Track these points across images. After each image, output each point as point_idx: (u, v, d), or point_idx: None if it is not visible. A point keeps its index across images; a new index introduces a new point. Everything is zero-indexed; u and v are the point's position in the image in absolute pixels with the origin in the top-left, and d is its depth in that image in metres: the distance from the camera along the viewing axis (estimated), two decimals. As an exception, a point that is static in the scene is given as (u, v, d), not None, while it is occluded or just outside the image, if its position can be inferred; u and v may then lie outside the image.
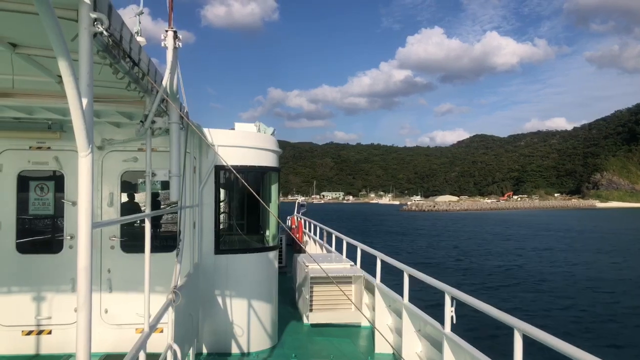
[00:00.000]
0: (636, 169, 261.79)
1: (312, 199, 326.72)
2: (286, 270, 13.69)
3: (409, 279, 6.64)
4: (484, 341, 11.89)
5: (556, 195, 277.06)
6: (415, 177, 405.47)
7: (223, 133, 7.36)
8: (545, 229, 74.50)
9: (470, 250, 44.26)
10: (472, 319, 9.73)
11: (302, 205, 21.03)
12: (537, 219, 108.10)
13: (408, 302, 6.68)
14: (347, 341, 8.19)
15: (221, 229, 7.52)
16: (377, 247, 9.94)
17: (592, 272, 31.82)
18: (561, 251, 43.97)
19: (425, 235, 62.38)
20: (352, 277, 9.08)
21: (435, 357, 5.84)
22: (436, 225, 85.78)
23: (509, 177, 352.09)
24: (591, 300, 23.09)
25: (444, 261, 36.37)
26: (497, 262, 36.00)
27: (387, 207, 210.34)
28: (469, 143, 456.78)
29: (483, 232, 67.88)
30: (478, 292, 21.73)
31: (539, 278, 29.22)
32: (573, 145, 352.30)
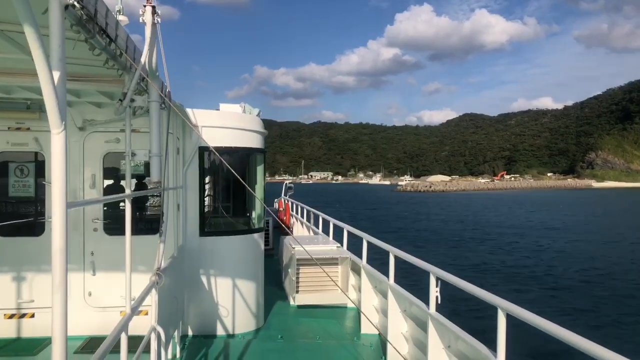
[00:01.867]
0: (631, 148, 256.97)
1: (300, 179, 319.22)
2: (273, 252, 13.35)
3: (395, 260, 6.62)
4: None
5: (549, 174, 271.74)
6: (404, 157, 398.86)
7: (207, 114, 7.28)
8: (589, 214, 66.66)
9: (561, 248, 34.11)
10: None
11: (290, 187, 20.44)
12: (549, 199, 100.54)
13: (394, 282, 6.67)
14: (333, 322, 8.24)
15: (206, 211, 7.45)
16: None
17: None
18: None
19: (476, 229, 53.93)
20: (339, 258, 9.08)
21: (420, 337, 5.89)
22: (453, 208, 77.46)
23: (500, 156, 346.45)
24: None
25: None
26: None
27: (379, 188, 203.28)
28: (458, 122, 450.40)
29: (523, 219, 59.67)
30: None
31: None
32: (565, 124, 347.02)
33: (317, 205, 16.30)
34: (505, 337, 3.83)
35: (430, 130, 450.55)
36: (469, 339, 4.56)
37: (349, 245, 9.55)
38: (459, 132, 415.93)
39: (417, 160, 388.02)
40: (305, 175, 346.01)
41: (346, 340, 7.43)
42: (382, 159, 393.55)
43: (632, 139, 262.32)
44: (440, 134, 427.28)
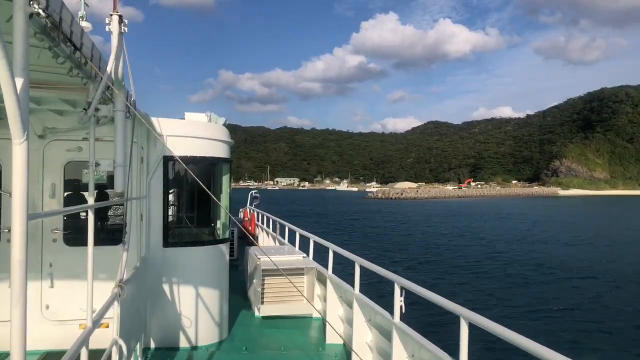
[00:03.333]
0: (594, 156, 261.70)
1: (266, 185, 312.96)
2: (238, 263, 13.11)
3: (360, 270, 6.65)
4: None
5: (514, 182, 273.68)
6: (370, 163, 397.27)
7: (172, 123, 7.17)
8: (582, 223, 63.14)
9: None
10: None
11: (256, 197, 19.86)
12: (528, 210, 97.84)
13: (359, 292, 6.72)
14: (298, 332, 8.18)
15: (170, 221, 7.36)
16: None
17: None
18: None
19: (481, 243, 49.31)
20: (305, 268, 8.99)
21: (384, 346, 5.89)
22: (440, 219, 73.00)
23: (465, 163, 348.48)
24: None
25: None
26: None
27: (348, 195, 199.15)
28: (423, 129, 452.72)
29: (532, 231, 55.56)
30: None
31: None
32: (529, 132, 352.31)
33: (295, 216, 15.62)
34: (467, 345, 3.87)
35: (396, 137, 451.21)
36: (432, 347, 4.60)
37: (315, 255, 9.48)
38: (424, 140, 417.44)
39: (383, 167, 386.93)
40: (271, 181, 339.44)
41: (311, 351, 7.34)
42: (348, 165, 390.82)
43: (594, 148, 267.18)
44: (405, 141, 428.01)
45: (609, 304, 20.64)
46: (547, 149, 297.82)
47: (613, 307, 20.04)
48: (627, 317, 18.59)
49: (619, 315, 18.87)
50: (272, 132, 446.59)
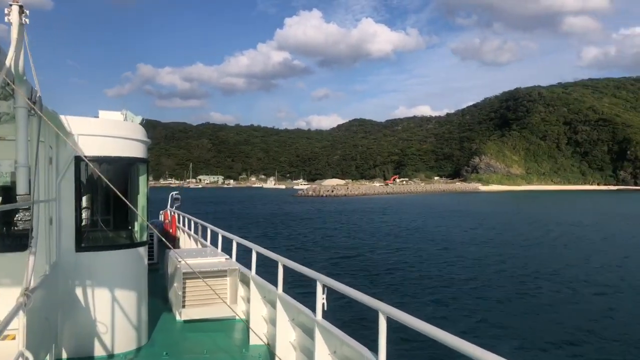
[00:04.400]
0: (511, 153, 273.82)
1: (188, 183, 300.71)
2: (158, 267, 12.86)
3: (284, 270, 6.68)
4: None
5: (436, 178, 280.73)
6: (297, 161, 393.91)
7: (84, 121, 6.86)
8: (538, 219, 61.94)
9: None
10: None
11: (177, 198, 19.11)
12: (475, 207, 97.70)
13: (282, 292, 6.76)
14: (221, 335, 8.09)
15: (84, 224, 7.11)
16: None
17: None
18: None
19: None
20: (227, 270, 8.88)
21: (307, 344, 5.98)
22: (382, 217, 69.67)
23: (389, 160, 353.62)
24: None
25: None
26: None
27: (277, 193, 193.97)
28: (348, 127, 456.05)
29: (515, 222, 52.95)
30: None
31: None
32: (449, 130, 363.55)
33: (223, 219, 12.47)
34: (386, 339, 3.98)
35: (322, 135, 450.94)
36: (353, 343, 4.70)
37: (238, 256, 9.40)
38: (349, 137, 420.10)
39: (310, 164, 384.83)
40: (193, 179, 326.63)
41: (234, 353, 7.32)
42: (274, 162, 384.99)
43: (511, 145, 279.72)
44: (331, 138, 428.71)
45: (528, 295, 21.67)
46: (466, 146, 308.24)
47: (531, 298, 21.04)
48: (543, 308, 19.46)
49: (536, 307, 19.69)
50: (195, 128, 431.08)
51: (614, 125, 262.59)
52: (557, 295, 21.67)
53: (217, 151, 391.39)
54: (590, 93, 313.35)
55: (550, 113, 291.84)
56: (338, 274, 24.42)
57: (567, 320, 17.78)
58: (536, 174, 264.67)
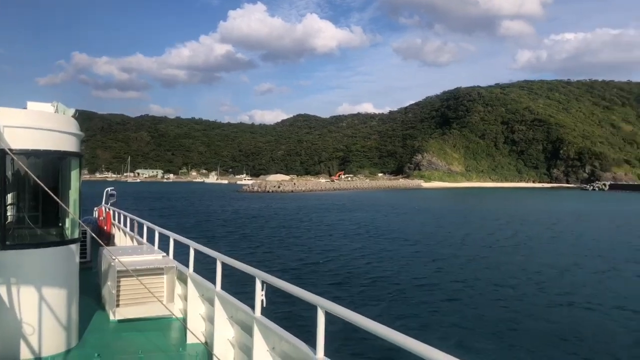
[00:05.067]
0: (451, 151, 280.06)
1: (126, 177, 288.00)
2: (91, 265, 12.44)
3: (222, 267, 6.62)
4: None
5: (380, 174, 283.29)
6: (240, 155, 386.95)
7: (11, 112, 6.57)
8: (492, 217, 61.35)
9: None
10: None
11: (112, 194, 18.82)
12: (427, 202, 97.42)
13: (220, 289, 6.70)
14: (157, 334, 7.91)
15: (8, 221, 6.80)
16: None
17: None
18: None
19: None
20: (164, 268, 8.69)
21: (246, 341, 5.98)
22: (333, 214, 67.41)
23: (334, 156, 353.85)
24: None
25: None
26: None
27: (220, 188, 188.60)
28: (292, 122, 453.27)
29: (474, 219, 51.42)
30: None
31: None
32: (392, 127, 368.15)
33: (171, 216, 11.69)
34: (324, 333, 4.03)
35: (266, 129, 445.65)
36: (292, 339, 4.76)
37: (176, 253, 9.23)
38: (293, 132, 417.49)
39: (253, 159, 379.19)
40: (131, 173, 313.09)
41: (171, 352, 7.20)
42: (217, 156, 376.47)
43: (452, 143, 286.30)
44: (275, 133, 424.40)
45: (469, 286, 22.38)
46: (409, 144, 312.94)
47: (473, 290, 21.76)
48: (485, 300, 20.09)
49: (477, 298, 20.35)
50: (133, 120, 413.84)
51: (548, 125, 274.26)
52: (495, 288, 22.29)
53: (157, 144, 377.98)
54: (526, 94, 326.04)
55: (489, 113, 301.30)
56: (311, 281, 21.93)
57: (501, 311, 18.34)
58: (475, 171, 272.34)
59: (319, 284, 21.76)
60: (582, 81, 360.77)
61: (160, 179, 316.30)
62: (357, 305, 17.91)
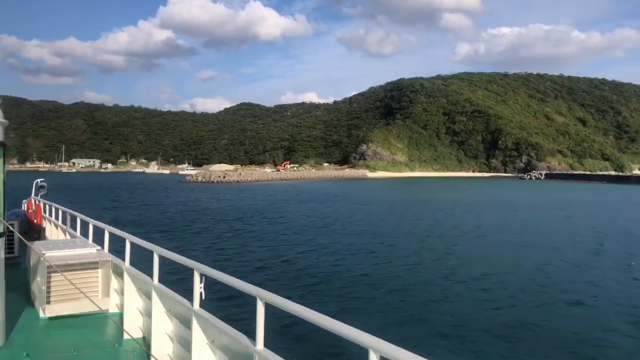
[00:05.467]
0: (395, 141, 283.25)
1: (61, 167, 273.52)
2: (20, 260, 11.82)
3: (160, 259, 6.52)
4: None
5: (325, 164, 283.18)
6: (182, 144, 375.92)
7: None
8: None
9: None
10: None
11: (42, 186, 17.89)
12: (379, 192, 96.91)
13: (158, 283, 6.58)
14: (91, 331, 7.64)
15: None
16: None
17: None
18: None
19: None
20: (99, 262, 8.46)
21: (185, 335, 5.91)
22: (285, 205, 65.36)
23: (279, 146, 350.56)
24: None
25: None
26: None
27: (162, 178, 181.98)
28: (236, 111, 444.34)
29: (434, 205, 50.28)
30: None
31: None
32: (337, 117, 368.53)
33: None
34: (263, 325, 4.08)
35: (208, 118, 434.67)
36: (231, 331, 4.76)
37: (111, 247, 9.00)
38: (237, 121, 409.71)
39: (195, 148, 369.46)
40: (66, 163, 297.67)
41: (107, 349, 7.02)
42: (157, 145, 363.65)
43: (396, 133, 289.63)
44: (218, 122, 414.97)
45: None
46: (354, 134, 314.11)
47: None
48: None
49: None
50: (67, 107, 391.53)
51: (487, 116, 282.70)
52: (436, 278, 22.70)
53: (93, 133, 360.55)
54: (466, 86, 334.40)
55: (431, 104, 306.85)
56: (281, 286, 20.21)
57: (447, 302, 18.60)
58: (418, 161, 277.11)
59: (277, 279, 20.34)
60: (518, 74, 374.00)
61: (97, 169, 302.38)
62: (309, 299, 17.98)
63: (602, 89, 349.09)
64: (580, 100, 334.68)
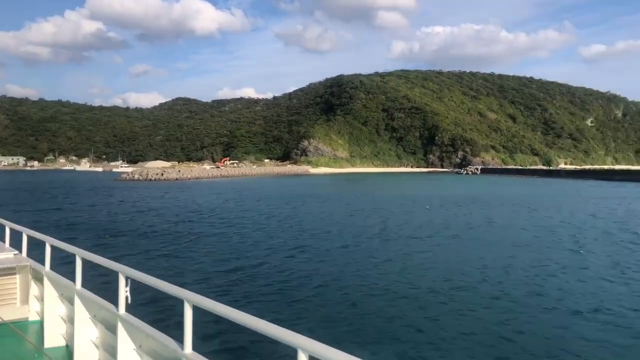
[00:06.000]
0: (336, 137, 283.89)
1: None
2: None
3: (83, 263, 6.30)
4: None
5: (266, 160, 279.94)
6: (114, 141, 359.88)
7: None
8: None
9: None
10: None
11: None
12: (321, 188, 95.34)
13: (81, 287, 6.40)
14: (10, 340, 7.21)
15: None
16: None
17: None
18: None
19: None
20: (16, 267, 8.08)
21: (110, 341, 5.79)
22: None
23: (218, 142, 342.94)
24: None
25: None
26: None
27: (95, 177, 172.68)
28: (171, 106, 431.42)
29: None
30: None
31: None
32: (277, 113, 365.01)
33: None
34: (192, 328, 4.03)
35: (142, 113, 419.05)
36: (159, 335, 4.67)
37: (30, 251, 8.49)
38: (172, 117, 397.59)
39: (129, 145, 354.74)
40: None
41: (27, 359, 6.80)
42: (88, 142, 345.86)
43: (337, 129, 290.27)
44: (153, 118, 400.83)
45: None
46: (295, 130, 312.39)
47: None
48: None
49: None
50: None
51: (424, 113, 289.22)
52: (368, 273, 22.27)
53: (17, 128, 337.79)
54: (404, 83, 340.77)
55: (371, 100, 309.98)
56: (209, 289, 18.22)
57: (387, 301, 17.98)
58: (359, 157, 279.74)
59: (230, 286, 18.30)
60: (452, 72, 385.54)
61: (22, 167, 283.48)
62: (248, 300, 17.64)
63: (530, 87, 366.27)
64: (510, 97, 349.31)
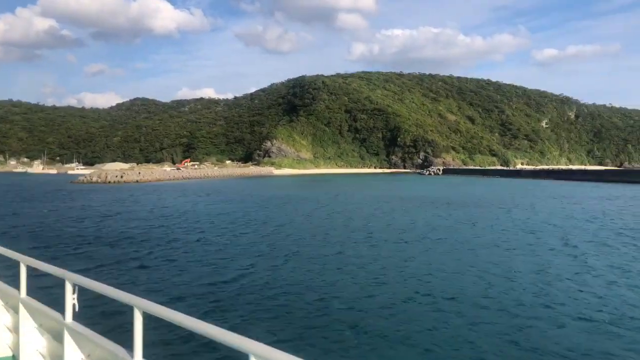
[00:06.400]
0: (299, 138, 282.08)
1: None
2: None
3: (27, 270, 6.06)
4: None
5: (228, 162, 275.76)
6: (69, 142, 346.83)
7: None
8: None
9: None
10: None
11: None
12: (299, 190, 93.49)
13: (26, 295, 6.14)
14: None
15: None
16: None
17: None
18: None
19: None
20: None
21: (57, 351, 5.63)
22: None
23: (178, 143, 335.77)
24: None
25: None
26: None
27: (49, 179, 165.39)
28: (129, 106, 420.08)
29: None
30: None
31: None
32: (239, 113, 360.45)
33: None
34: (142, 335, 3.96)
35: (99, 114, 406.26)
36: (108, 344, 4.60)
37: None
38: (130, 117, 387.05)
39: (85, 146, 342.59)
40: None
41: None
42: (41, 143, 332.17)
43: (300, 130, 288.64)
44: (110, 118, 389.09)
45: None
46: (257, 131, 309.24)
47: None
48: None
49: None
50: None
51: (386, 114, 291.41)
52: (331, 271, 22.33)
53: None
54: (366, 84, 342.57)
55: (334, 101, 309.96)
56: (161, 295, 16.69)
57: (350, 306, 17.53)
58: (323, 158, 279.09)
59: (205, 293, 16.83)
60: (413, 74, 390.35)
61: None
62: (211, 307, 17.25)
63: (488, 89, 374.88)
64: (468, 99, 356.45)
